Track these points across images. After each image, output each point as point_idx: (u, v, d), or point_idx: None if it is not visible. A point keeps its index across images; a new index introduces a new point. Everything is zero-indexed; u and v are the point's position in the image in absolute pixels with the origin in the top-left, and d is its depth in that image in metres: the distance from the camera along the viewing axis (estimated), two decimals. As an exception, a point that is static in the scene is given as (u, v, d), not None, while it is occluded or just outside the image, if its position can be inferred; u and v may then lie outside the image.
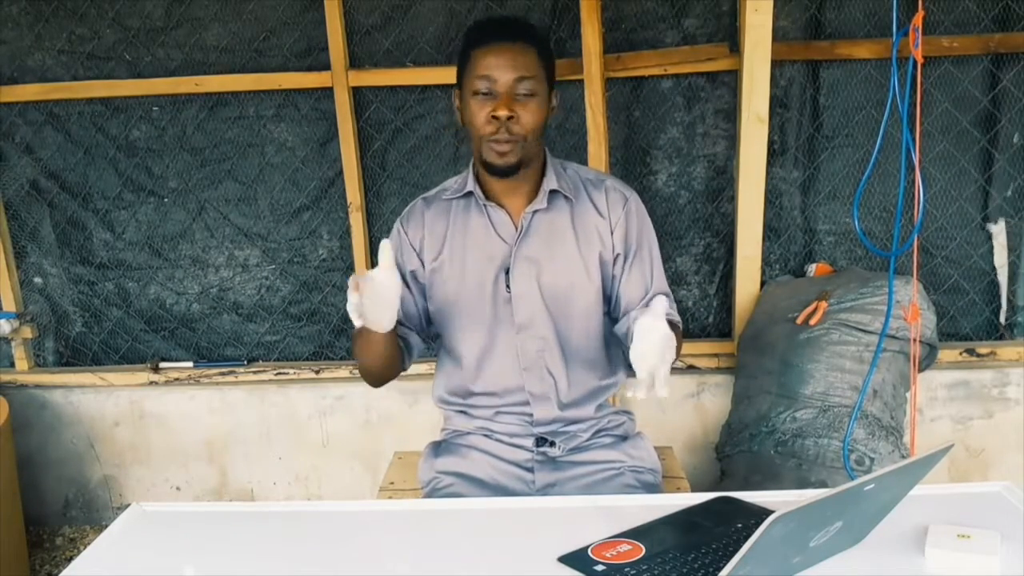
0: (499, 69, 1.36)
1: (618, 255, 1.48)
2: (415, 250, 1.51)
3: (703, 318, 2.57)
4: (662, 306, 1.15)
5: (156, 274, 2.64)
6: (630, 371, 1.50)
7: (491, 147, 1.38)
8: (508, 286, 1.46)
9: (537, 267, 1.46)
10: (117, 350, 2.71)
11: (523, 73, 1.36)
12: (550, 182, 1.46)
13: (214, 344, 2.69)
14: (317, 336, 2.65)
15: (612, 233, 1.47)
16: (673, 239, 2.47)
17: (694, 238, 2.49)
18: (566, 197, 1.47)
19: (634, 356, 1.14)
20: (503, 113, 1.35)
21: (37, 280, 2.68)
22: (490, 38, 1.39)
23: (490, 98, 1.37)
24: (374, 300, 1.20)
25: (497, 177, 1.43)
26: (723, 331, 2.57)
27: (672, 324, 1.41)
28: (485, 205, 1.47)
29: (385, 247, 1.22)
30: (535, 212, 1.45)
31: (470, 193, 1.48)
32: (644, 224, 1.50)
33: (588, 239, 1.47)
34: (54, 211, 2.61)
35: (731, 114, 2.40)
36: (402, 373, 1.52)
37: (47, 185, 2.59)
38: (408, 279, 1.51)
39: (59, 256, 2.65)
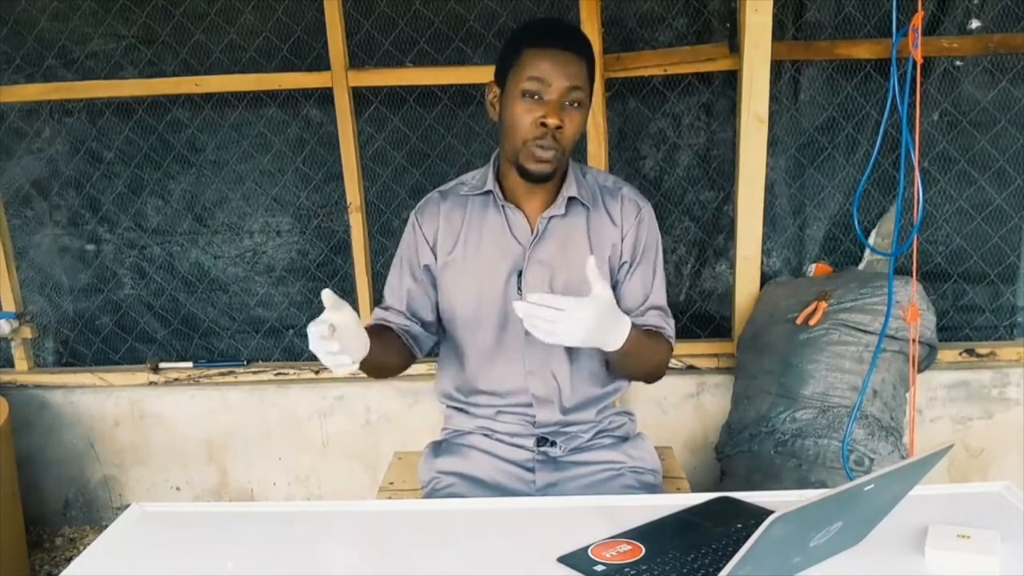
0: (554, 75, 1.33)
1: (624, 263, 1.48)
2: (429, 244, 1.50)
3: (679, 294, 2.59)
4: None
5: (195, 240, 2.66)
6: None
7: (533, 153, 1.36)
8: (520, 289, 1.46)
9: (550, 272, 1.45)
10: (128, 331, 2.72)
11: (576, 83, 1.34)
12: (570, 189, 1.45)
13: (246, 304, 2.69)
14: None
15: (623, 241, 1.47)
16: (662, 224, 2.47)
17: (684, 225, 2.51)
18: (583, 204, 1.47)
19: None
20: (554, 122, 1.33)
21: (90, 247, 2.68)
22: (547, 41, 1.35)
23: (539, 102, 1.34)
24: (344, 341, 1.18)
25: (528, 181, 1.42)
26: (700, 312, 2.58)
27: (659, 334, 1.46)
28: (503, 205, 1.46)
29: (325, 296, 1.19)
30: (552, 217, 1.45)
31: (489, 192, 1.47)
32: (653, 236, 1.50)
33: (601, 247, 1.47)
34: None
35: (712, 108, 2.42)
36: (402, 373, 1.52)
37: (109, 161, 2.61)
38: (420, 273, 1.51)
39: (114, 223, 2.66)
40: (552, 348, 1.47)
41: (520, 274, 1.45)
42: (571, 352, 1.48)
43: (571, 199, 1.46)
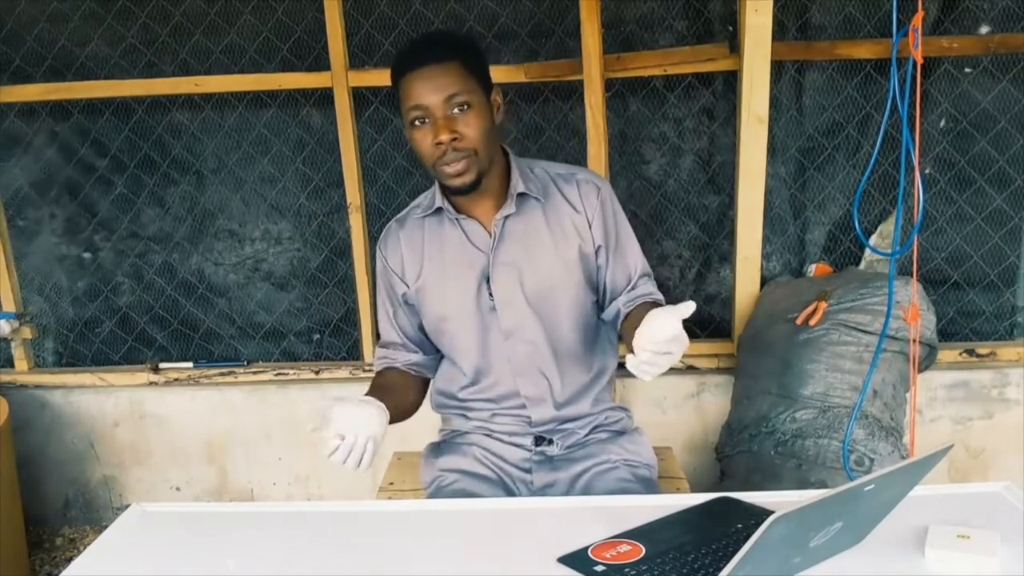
0: (426, 94, 1.33)
1: (600, 246, 1.48)
2: (398, 273, 1.52)
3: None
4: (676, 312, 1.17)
5: (194, 248, 2.66)
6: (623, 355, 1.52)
7: (444, 171, 1.37)
8: (491, 294, 1.46)
9: (518, 271, 1.45)
10: (127, 333, 2.71)
11: (451, 91, 1.33)
12: (516, 186, 1.45)
13: (246, 306, 2.69)
14: (341, 302, 2.64)
15: (590, 227, 1.47)
16: (662, 226, 2.48)
17: (681, 227, 2.50)
18: (536, 198, 1.46)
19: (639, 335, 1.16)
20: (444, 137, 1.33)
21: (90, 248, 2.68)
22: (411, 64, 1.36)
23: (427, 125, 1.35)
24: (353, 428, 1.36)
25: (460, 196, 1.43)
26: (702, 314, 2.57)
27: (656, 303, 1.45)
28: (456, 218, 1.47)
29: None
30: (506, 217, 1.45)
31: (440, 209, 1.48)
32: (618, 211, 1.51)
33: (564, 236, 1.46)
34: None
35: (712, 110, 2.42)
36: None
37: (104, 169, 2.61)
38: (399, 302, 1.54)
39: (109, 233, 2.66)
40: (536, 347, 1.48)
41: (488, 280, 1.46)
42: (554, 345, 1.48)
43: (522, 195, 1.45)
